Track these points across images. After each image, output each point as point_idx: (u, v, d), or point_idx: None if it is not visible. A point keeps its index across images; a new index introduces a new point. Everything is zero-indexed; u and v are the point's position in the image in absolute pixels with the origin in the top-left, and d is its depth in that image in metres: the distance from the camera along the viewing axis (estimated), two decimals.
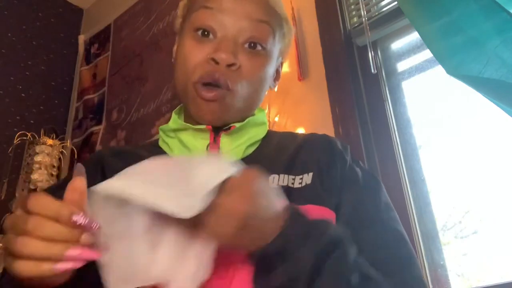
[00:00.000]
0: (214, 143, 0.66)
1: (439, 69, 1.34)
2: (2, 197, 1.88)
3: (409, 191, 1.29)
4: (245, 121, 0.68)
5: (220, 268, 0.51)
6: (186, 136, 0.68)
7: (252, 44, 0.66)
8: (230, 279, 0.53)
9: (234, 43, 0.65)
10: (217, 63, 0.63)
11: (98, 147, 2.14)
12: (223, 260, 0.52)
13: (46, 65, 2.39)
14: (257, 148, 0.70)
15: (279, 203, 0.50)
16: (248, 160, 0.63)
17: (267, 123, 0.75)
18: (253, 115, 0.72)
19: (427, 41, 1.03)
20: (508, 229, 1.13)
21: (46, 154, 1.94)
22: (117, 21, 2.41)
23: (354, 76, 1.45)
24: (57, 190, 0.66)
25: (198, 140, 0.67)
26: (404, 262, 0.59)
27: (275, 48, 0.70)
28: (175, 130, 0.69)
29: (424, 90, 1.39)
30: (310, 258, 0.48)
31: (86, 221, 0.41)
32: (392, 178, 1.30)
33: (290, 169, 0.65)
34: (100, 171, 0.67)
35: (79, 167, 0.45)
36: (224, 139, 0.67)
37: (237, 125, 0.67)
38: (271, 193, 0.50)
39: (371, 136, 1.38)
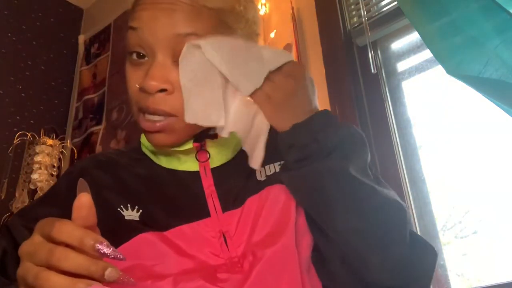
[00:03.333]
0: (201, 149, 0.65)
1: (439, 69, 1.34)
2: (2, 197, 1.88)
3: (409, 191, 1.29)
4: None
5: (234, 241, 0.59)
6: None
7: None
8: (244, 248, 0.59)
9: (162, 64, 0.59)
10: (146, 91, 0.59)
11: (98, 147, 2.14)
12: (235, 234, 0.60)
13: (46, 65, 2.39)
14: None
15: (313, 94, 0.61)
16: (236, 160, 0.67)
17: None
18: None
19: (427, 41, 1.03)
20: (508, 229, 1.13)
21: (46, 154, 1.93)
22: (117, 21, 2.41)
23: (354, 76, 1.45)
24: (42, 204, 0.65)
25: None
26: None
27: None
28: None
29: (424, 90, 1.39)
30: (336, 139, 0.56)
31: (110, 251, 0.40)
32: (392, 178, 1.30)
33: (276, 156, 0.65)
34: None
35: (81, 182, 0.44)
36: (210, 144, 0.66)
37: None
38: (311, 85, 0.61)
39: (371, 136, 1.38)
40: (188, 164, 0.65)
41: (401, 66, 1.45)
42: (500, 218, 1.15)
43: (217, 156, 0.66)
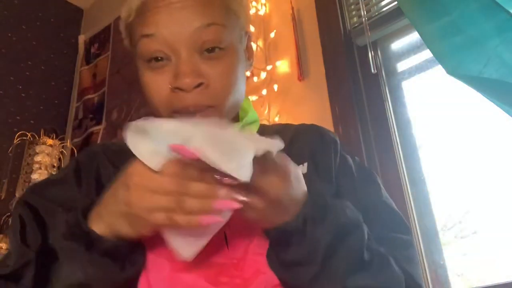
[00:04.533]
0: None
1: (439, 69, 1.34)
2: (2, 197, 1.88)
3: (409, 191, 1.29)
4: (240, 127, 0.65)
5: (234, 241, 0.57)
6: None
7: (210, 49, 0.60)
8: (243, 253, 0.56)
9: (190, 59, 0.59)
10: (183, 89, 0.58)
11: None
12: (236, 234, 0.57)
13: (46, 65, 2.39)
14: None
15: (302, 185, 0.54)
16: None
17: (258, 119, 0.72)
18: (240, 112, 0.69)
19: (427, 41, 1.03)
20: (508, 229, 1.13)
21: (46, 154, 1.93)
22: (117, 21, 2.40)
23: (354, 76, 1.45)
24: (54, 185, 0.65)
25: None
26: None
27: (234, 35, 0.64)
28: None
29: (424, 90, 1.39)
30: (326, 237, 0.51)
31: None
32: (392, 178, 1.30)
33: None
34: (95, 171, 0.65)
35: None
36: None
37: None
38: (300, 177, 0.54)
39: (371, 136, 1.38)
40: None
41: (401, 66, 1.45)
42: (500, 218, 1.15)
43: None
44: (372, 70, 1.38)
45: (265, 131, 0.71)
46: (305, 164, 0.64)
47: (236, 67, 0.63)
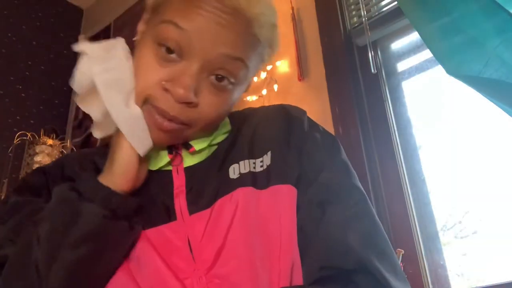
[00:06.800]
0: (174, 149, 0.62)
1: (439, 69, 1.34)
2: (2, 197, 1.88)
3: (409, 191, 1.29)
4: (207, 144, 0.62)
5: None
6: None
7: (219, 77, 0.56)
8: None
9: (198, 74, 0.55)
10: (171, 95, 0.54)
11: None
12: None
13: (46, 65, 2.39)
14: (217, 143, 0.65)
15: None
16: (210, 158, 0.62)
17: (228, 129, 0.67)
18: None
19: (427, 41, 1.03)
20: (508, 229, 1.13)
21: (46, 154, 1.93)
22: (117, 21, 2.41)
23: (354, 76, 1.45)
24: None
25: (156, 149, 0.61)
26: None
27: (248, 76, 0.61)
28: None
29: (424, 90, 1.39)
30: None
31: None
32: (392, 178, 1.30)
33: (250, 153, 0.61)
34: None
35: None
36: (184, 152, 0.62)
37: (197, 147, 0.61)
38: None
39: (371, 136, 1.38)
40: (163, 163, 0.61)
41: (401, 66, 1.45)
42: (500, 218, 1.15)
43: (191, 155, 0.62)
44: (372, 70, 1.38)
45: (234, 117, 0.68)
46: (269, 153, 0.60)
47: (233, 101, 0.61)
